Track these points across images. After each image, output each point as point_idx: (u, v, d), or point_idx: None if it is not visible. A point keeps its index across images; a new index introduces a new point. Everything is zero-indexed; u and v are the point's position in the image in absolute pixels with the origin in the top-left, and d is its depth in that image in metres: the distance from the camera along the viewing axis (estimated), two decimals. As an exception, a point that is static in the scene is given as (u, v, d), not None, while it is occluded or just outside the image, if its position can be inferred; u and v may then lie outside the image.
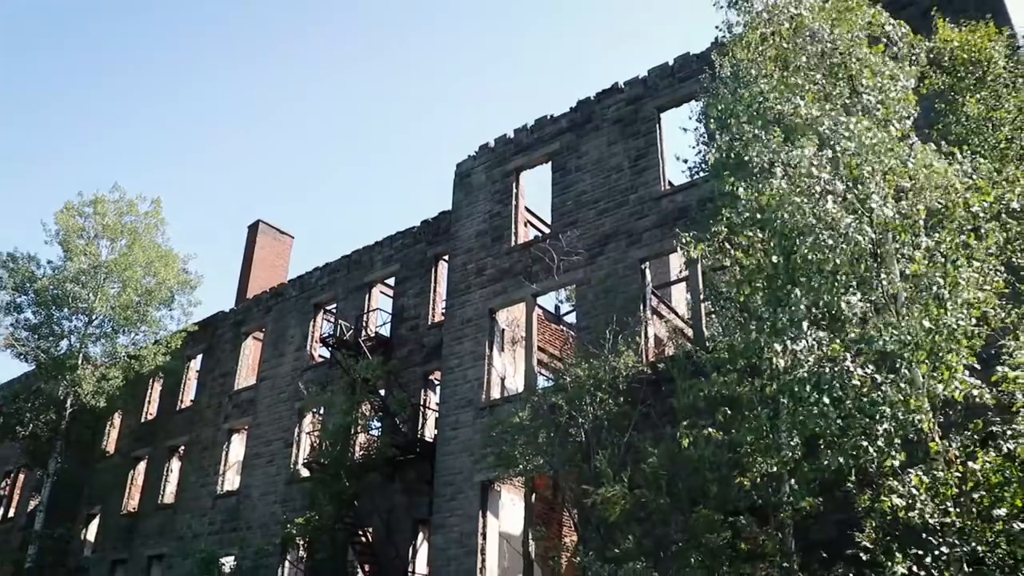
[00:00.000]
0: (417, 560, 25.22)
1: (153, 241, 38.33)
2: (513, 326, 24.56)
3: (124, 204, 38.47)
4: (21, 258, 37.52)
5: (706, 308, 20.37)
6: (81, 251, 36.94)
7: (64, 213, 37.53)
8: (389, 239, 31.04)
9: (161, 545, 34.24)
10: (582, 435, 18.23)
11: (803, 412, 10.98)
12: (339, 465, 25.62)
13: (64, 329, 37.48)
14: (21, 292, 37.02)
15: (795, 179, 10.90)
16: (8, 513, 43.61)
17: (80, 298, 36.78)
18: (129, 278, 36.77)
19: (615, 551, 14.27)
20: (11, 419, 38.38)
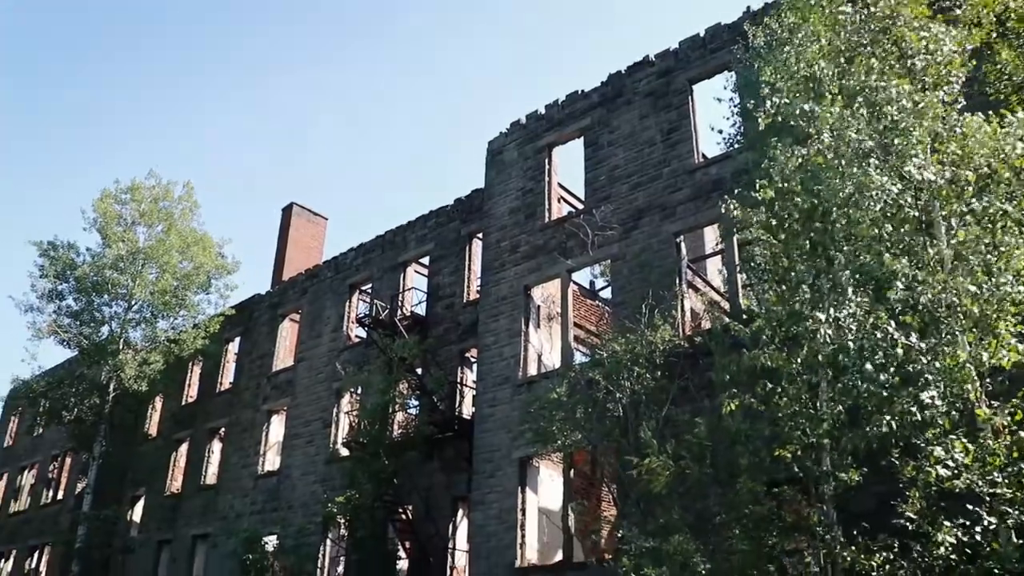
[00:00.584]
0: (457, 536, 25.39)
1: (188, 226, 38.73)
2: (548, 302, 24.54)
3: (160, 190, 38.87)
4: (61, 246, 38.03)
5: (742, 280, 20.24)
6: (119, 238, 37.37)
7: (102, 201, 37.97)
8: (423, 218, 31.09)
9: (205, 525, 34.72)
10: (620, 410, 18.21)
11: (846, 381, 10.89)
12: (378, 444, 25.81)
13: (105, 315, 38.03)
14: (62, 280, 37.56)
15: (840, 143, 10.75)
16: (57, 495, 44.41)
17: (119, 284, 37.26)
18: (166, 263, 37.19)
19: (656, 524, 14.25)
20: (57, 404, 39.03)
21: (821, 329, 10.63)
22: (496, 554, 21.46)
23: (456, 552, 25.08)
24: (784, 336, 12.23)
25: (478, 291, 26.65)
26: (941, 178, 10.41)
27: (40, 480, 47.06)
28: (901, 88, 10.70)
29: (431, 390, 26.62)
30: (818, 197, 11.25)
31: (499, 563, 21.30)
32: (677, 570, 12.57)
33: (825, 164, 10.90)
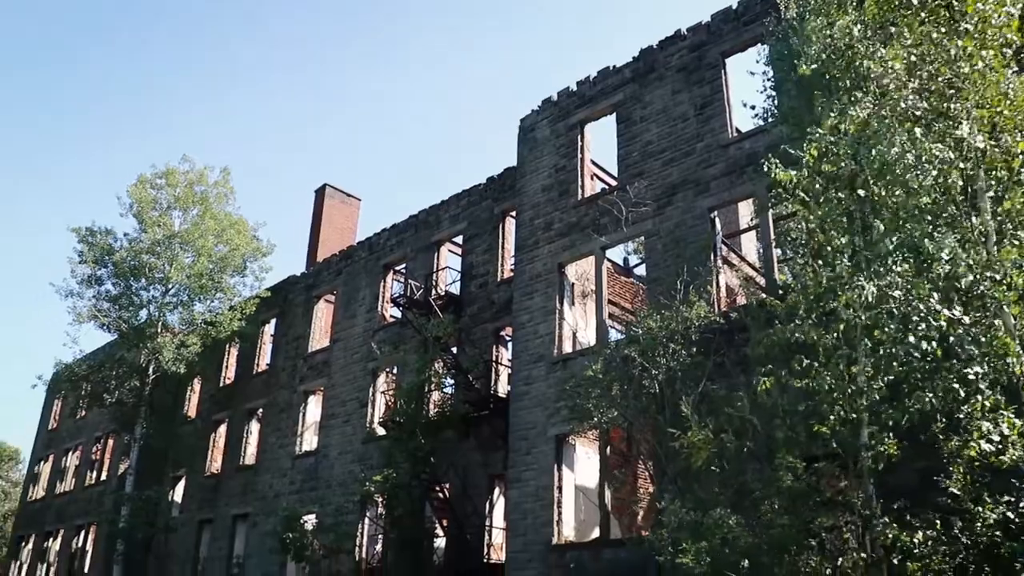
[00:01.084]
0: (494, 514, 25.51)
1: (223, 210, 39.03)
2: (582, 280, 24.49)
3: (194, 175, 39.20)
4: (99, 232, 38.50)
5: (778, 255, 20.08)
6: (155, 222, 37.73)
7: (137, 186, 38.34)
8: (455, 197, 31.10)
9: (244, 505, 35.14)
10: (656, 387, 18.18)
11: (886, 355, 10.77)
12: (414, 423, 25.95)
13: (143, 299, 38.48)
14: (100, 265, 38.04)
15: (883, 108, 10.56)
16: (101, 476, 45.15)
17: (156, 268, 37.67)
18: (202, 247, 37.50)
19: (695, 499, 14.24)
20: (98, 387, 39.65)
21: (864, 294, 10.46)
22: (533, 531, 21.54)
23: (493, 530, 25.22)
24: (820, 311, 12.12)
25: (512, 269, 26.65)
26: (986, 143, 10.19)
27: (84, 462, 47.86)
28: (961, 48, 10.40)
29: (466, 369, 26.71)
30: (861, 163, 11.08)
31: (536, 540, 21.39)
32: (716, 544, 12.56)
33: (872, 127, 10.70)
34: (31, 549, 50.73)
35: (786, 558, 12.12)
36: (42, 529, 49.67)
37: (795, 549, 12.27)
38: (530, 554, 21.34)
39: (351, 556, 27.78)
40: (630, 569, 18.53)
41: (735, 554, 12.50)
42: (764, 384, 12.80)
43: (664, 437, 17.30)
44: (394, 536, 26.11)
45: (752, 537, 12.62)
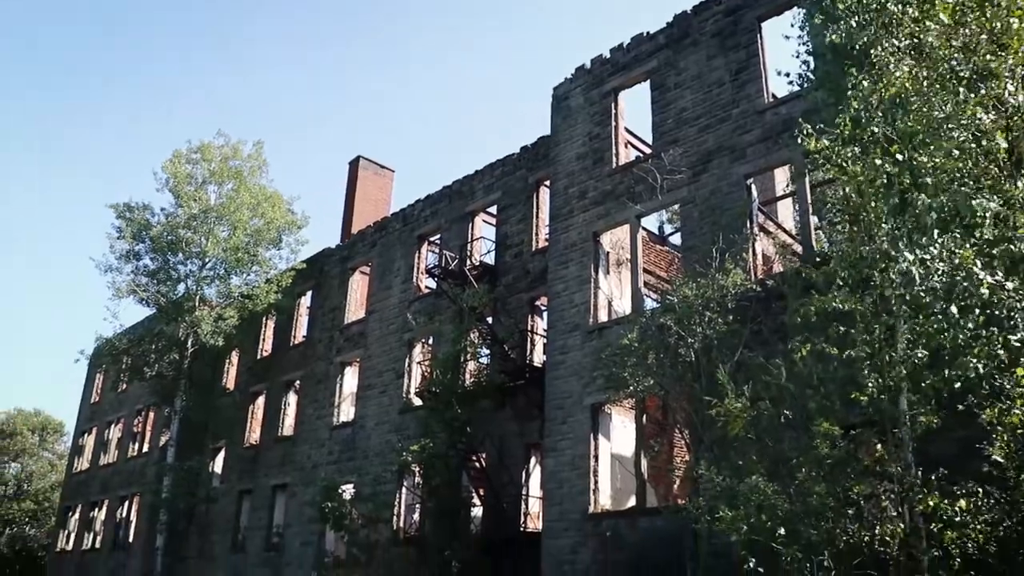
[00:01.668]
0: (530, 483, 25.61)
1: (258, 183, 39.21)
2: (617, 248, 24.37)
3: (228, 149, 39.38)
4: (136, 208, 38.87)
5: (815, 223, 19.84)
6: (191, 197, 37.99)
7: (172, 161, 38.61)
8: (489, 167, 31.00)
9: (283, 475, 35.54)
10: (692, 355, 18.08)
11: (927, 323, 10.61)
12: (450, 393, 26.06)
13: (180, 273, 38.87)
14: (138, 240, 38.41)
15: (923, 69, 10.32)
16: (143, 448, 45.86)
17: (193, 243, 37.98)
18: (238, 221, 37.74)
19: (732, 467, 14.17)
20: (138, 361, 40.16)
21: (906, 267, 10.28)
22: (569, 500, 21.60)
23: (529, 499, 25.32)
24: (858, 278, 11.95)
25: (546, 239, 26.57)
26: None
27: (126, 434, 48.63)
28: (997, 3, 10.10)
29: (502, 339, 26.75)
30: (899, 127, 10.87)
31: (573, 509, 21.45)
32: (753, 512, 12.49)
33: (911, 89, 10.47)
34: (78, 519, 51.78)
35: (823, 526, 12.03)
36: (88, 499, 50.63)
37: (832, 517, 12.18)
38: (566, 523, 21.42)
39: (389, 525, 28.05)
40: (666, 537, 18.55)
41: (772, 522, 12.42)
42: (801, 352, 12.68)
43: (700, 405, 17.22)
44: (431, 505, 26.31)
45: (789, 505, 12.53)
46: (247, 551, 36.18)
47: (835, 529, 12.07)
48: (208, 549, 38.89)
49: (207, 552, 38.90)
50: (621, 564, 19.18)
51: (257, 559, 35.17)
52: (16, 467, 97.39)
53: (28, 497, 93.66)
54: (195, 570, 39.19)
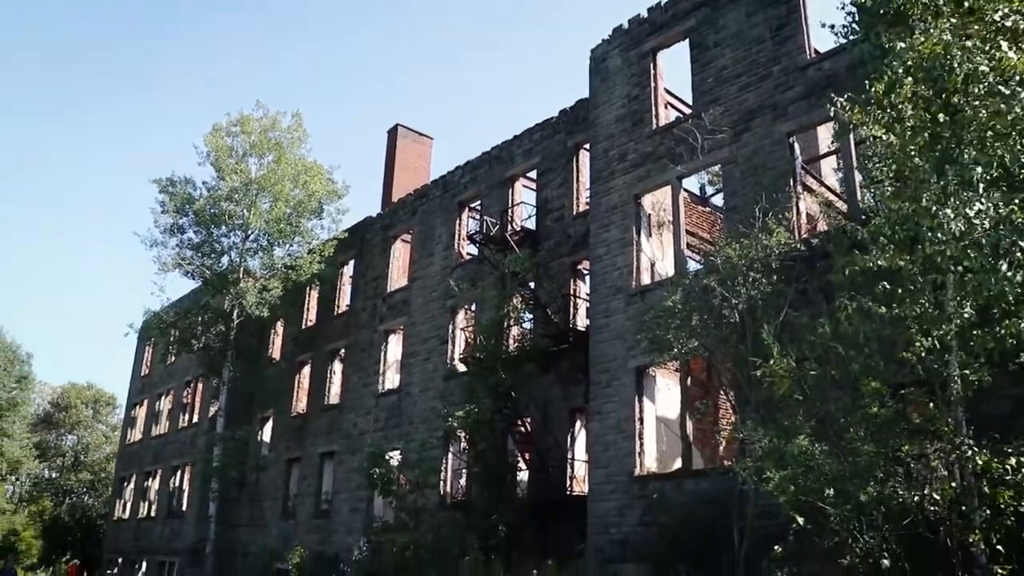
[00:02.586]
0: (575, 447, 25.67)
1: (298, 154, 39.32)
2: (659, 210, 24.17)
3: (267, 121, 39.46)
4: (179, 182, 39.17)
5: (860, 180, 19.48)
6: (232, 170, 38.18)
7: (213, 135, 38.80)
8: (528, 132, 30.81)
9: (330, 443, 35.97)
10: (736, 316, 17.92)
11: (976, 280, 10.41)
12: (494, 359, 26.11)
13: (224, 245, 39.20)
14: (182, 214, 38.75)
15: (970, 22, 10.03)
16: (193, 419, 46.62)
17: (236, 215, 38.24)
18: (279, 192, 37.89)
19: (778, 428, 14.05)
20: (186, 333, 40.69)
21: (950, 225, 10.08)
22: (615, 463, 21.62)
23: (575, 462, 25.39)
24: (904, 236, 11.73)
25: (587, 202, 26.41)
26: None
27: (176, 405, 49.45)
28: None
29: (544, 303, 26.72)
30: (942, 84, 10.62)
31: (618, 472, 21.47)
32: (800, 472, 12.39)
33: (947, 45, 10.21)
34: (133, 488, 52.90)
35: (872, 486, 11.91)
36: (141, 469, 51.66)
37: (881, 477, 12.05)
38: (613, 486, 21.46)
39: (436, 490, 28.29)
40: (713, 499, 18.51)
41: (820, 482, 12.33)
42: (847, 312, 12.50)
43: (745, 366, 17.08)
44: (477, 470, 26.47)
45: (837, 465, 12.42)
46: (297, 517, 36.75)
47: (884, 489, 11.93)
48: (259, 516, 39.59)
49: (258, 519, 39.61)
50: (667, 526, 19.18)
51: (307, 525, 35.70)
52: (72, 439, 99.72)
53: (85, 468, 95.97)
54: (247, 537, 39.93)
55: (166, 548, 44.97)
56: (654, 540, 19.60)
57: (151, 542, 47.38)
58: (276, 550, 35.74)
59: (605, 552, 20.96)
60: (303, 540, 34.48)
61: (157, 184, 39.07)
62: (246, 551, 39.56)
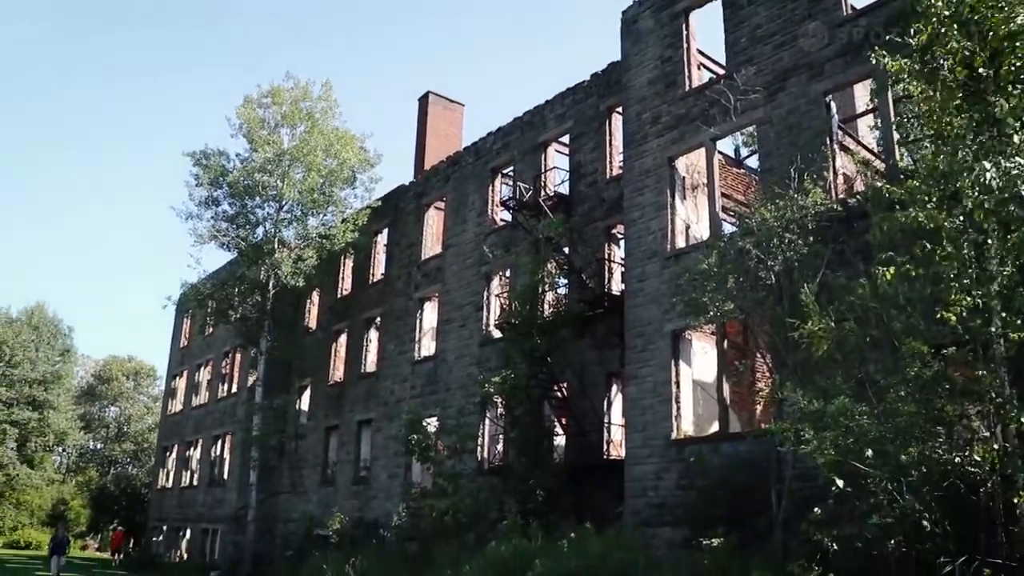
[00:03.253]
0: (612, 411, 25.69)
1: (329, 124, 39.31)
2: (693, 173, 23.95)
3: (298, 91, 39.41)
4: (212, 154, 39.31)
5: (897, 139, 19.16)
6: (264, 141, 38.27)
7: (245, 107, 38.85)
8: (560, 96, 30.56)
9: (368, 411, 36.27)
10: (772, 278, 17.76)
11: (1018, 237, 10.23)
12: (530, 324, 26.14)
13: (258, 217, 39.36)
14: (216, 186, 38.94)
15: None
16: (231, 389, 47.18)
17: (269, 186, 38.36)
18: (312, 162, 37.94)
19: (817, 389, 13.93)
20: (223, 304, 41.00)
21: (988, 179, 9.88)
22: (652, 427, 21.61)
23: (611, 426, 25.42)
24: (944, 194, 11.52)
25: (620, 166, 26.22)
26: None
27: (215, 375, 50.06)
28: None
29: (579, 268, 26.66)
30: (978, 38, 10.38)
31: (655, 435, 21.45)
32: (840, 433, 12.29)
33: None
34: (175, 457, 53.74)
35: (912, 447, 11.79)
36: (183, 439, 52.45)
37: (922, 438, 11.93)
38: (649, 449, 21.46)
39: (473, 456, 28.46)
40: (751, 462, 18.46)
41: (859, 443, 12.22)
42: (886, 273, 12.32)
43: (782, 328, 16.95)
44: (514, 435, 26.56)
45: (877, 426, 12.29)
46: (336, 484, 37.18)
47: (925, 450, 11.81)
48: (299, 483, 40.12)
49: (298, 486, 40.14)
50: (705, 489, 19.17)
51: (346, 492, 36.12)
52: (115, 411, 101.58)
53: (128, 438, 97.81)
54: (288, 504, 40.51)
55: (209, 516, 45.73)
56: (691, 503, 19.61)
57: (194, 510, 48.18)
58: (316, 516, 36.19)
59: (642, 515, 21.02)
60: (343, 506, 34.88)
61: (191, 157, 39.29)
62: (287, 518, 40.15)
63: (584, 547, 17.56)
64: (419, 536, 26.42)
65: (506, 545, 19.05)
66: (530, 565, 17.28)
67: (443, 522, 24.83)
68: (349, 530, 31.71)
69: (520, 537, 19.82)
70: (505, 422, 27.63)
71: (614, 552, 16.90)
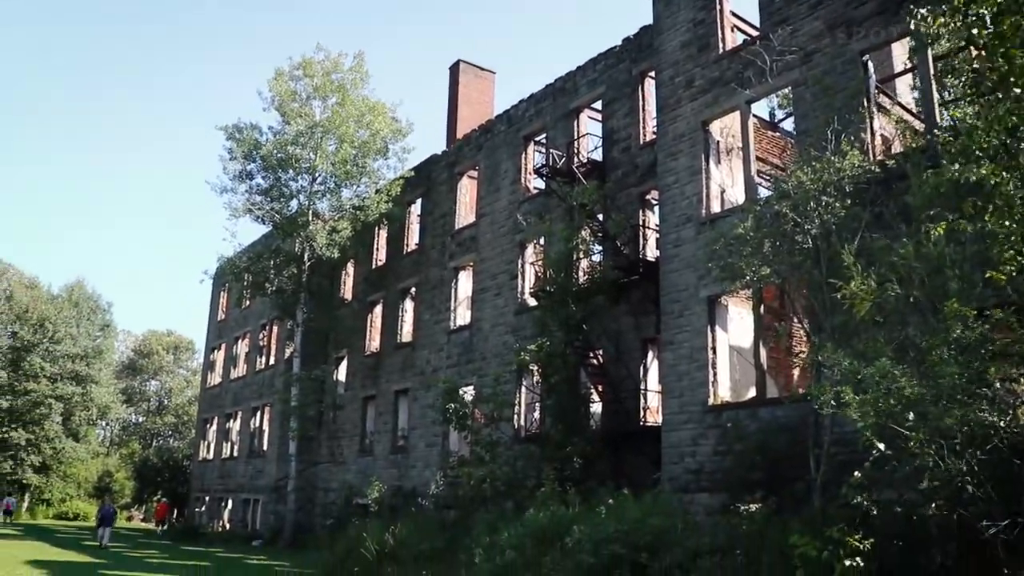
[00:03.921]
0: (648, 377, 25.63)
1: (361, 95, 39.31)
2: (727, 137, 23.65)
3: (329, 63, 39.47)
4: (245, 128, 39.52)
5: (938, 99, 18.76)
6: (297, 114, 38.41)
7: (276, 80, 38.96)
8: (592, 62, 30.28)
9: (404, 380, 36.48)
10: (809, 241, 17.54)
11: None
12: (565, 292, 26.09)
13: (292, 189, 39.65)
14: (250, 160, 39.23)
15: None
16: (269, 361, 47.63)
17: (302, 158, 38.56)
18: (344, 133, 38.04)
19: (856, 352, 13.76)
20: (259, 277, 41.36)
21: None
22: (688, 393, 21.53)
23: (648, 393, 25.38)
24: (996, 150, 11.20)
25: (654, 131, 25.97)
26: None
27: (253, 348, 50.55)
28: None
29: (613, 234, 26.52)
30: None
31: (692, 401, 21.38)
32: (880, 395, 12.13)
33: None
34: (215, 429, 54.47)
35: (955, 410, 11.61)
36: (223, 411, 53.12)
37: (965, 400, 11.75)
38: (687, 415, 21.40)
39: (510, 424, 28.55)
40: (788, 427, 18.34)
41: (900, 406, 12.06)
42: (936, 229, 12.09)
43: (820, 292, 16.78)
44: (551, 403, 26.61)
45: (918, 388, 12.11)
46: (375, 454, 37.51)
47: (968, 413, 11.63)
48: (338, 453, 40.53)
49: (337, 456, 40.53)
50: (743, 455, 19.07)
51: (385, 461, 36.43)
52: (155, 384, 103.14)
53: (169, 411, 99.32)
54: (327, 473, 40.95)
55: (250, 486, 46.36)
56: (729, 469, 19.55)
57: (235, 480, 48.86)
58: (355, 486, 36.58)
59: (680, 481, 21.00)
60: (381, 475, 35.20)
61: (224, 131, 39.51)
62: (326, 487, 40.63)
63: (622, 513, 17.54)
64: (457, 504, 26.59)
65: (544, 512, 19.08)
66: (568, 531, 17.32)
67: (481, 490, 24.96)
68: (388, 499, 32.01)
69: (558, 504, 19.86)
70: (541, 390, 27.67)
71: (652, 518, 16.88)
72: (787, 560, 12.98)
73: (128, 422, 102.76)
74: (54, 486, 74.10)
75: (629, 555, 15.48)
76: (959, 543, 12.18)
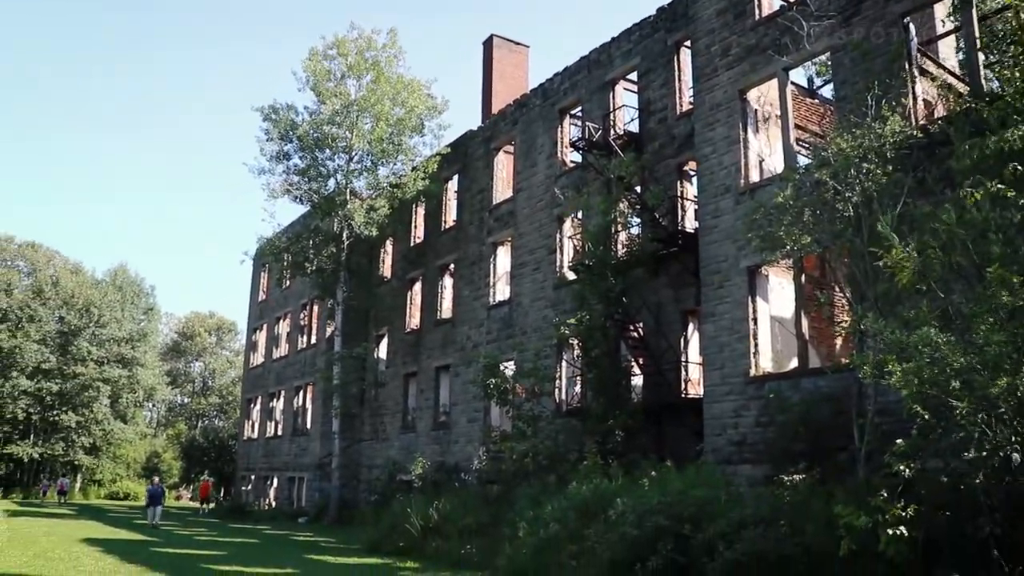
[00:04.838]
0: (689, 349, 25.52)
1: (395, 72, 39.29)
2: (765, 105, 23.36)
3: (363, 41, 39.42)
4: (281, 108, 39.69)
5: (982, 60, 18.36)
6: (332, 93, 38.47)
7: (310, 60, 39.02)
8: (626, 32, 29.99)
9: (445, 357, 36.65)
10: (850, 209, 17.29)
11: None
12: (604, 265, 25.99)
13: (329, 169, 39.81)
14: (286, 141, 39.42)
15: None
16: (311, 340, 48.03)
17: (338, 138, 38.66)
18: (379, 112, 38.06)
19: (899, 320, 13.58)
20: (299, 257, 41.70)
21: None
22: (730, 364, 21.42)
23: (689, 365, 25.28)
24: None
25: (691, 101, 25.73)
26: None
27: (294, 327, 50.99)
28: None
29: (652, 206, 26.36)
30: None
31: (733, 373, 21.28)
32: (925, 364, 11.96)
33: None
34: (259, 409, 55.11)
35: (1001, 378, 11.42)
36: (266, 391, 53.70)
37: (1012, 368, 11.55)
38: (728, 387, 21.30)
39: (551, 398, 28.61)
40: (831, 397, 18.19)
41: (945, 374, 11.88)
42: (975, 195, 11.86)
43: (862, 260, 16.56)
44: (591, 376, 26.59)
45: (964, 356, 11.92)
46: (417, 430, 37.79)
47: (1015, 381, 11.45)
48: (381, 430, 40.87)
49: (380, 433, 40.88)
50: (785, 425, 18.93)
51: (427, 437, 36.69)
52: (199, 365, 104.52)
53: (213, 392, 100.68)
54: (370, 450, 41.35)
55: (294, 464, 46.91)
56: (771, 440, 19.45)
57: (280, 459, 49.47)
58: (398, 462, 36.91)
59: (722, 453, 20.94)
60: (424, 451, 35.47)
61: (260, 112, 39.72)
62: (370, 464, 41.03)
63: (665, 485, 17.55)
64: (500, 478, 26.73)
65: (587, 485, 19.13)
66: (611, 504, 17.34)
67: (523, 464, 25.06)
68: (431, 474, 32.26)
69: (600, 477, 19.88)
70: (582, 363, 27.66)
71: (695, 489, 16.86)
72: (832, 530, 12.89)
73: (174, 403, 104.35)
74: (104, 467, 75.66)
75: (672, 526, 15.47)
76: (1007, 512, 12.02)
